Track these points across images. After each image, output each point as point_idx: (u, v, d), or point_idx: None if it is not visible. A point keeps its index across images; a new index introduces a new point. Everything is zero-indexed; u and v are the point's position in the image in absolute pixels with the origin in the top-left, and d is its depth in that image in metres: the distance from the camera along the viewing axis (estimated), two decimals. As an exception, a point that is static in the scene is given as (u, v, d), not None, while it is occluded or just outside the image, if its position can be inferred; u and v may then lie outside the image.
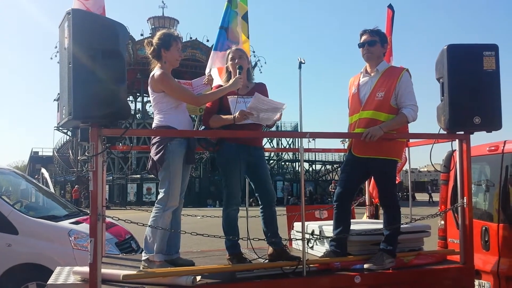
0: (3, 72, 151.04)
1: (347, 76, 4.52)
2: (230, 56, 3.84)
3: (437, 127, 3.76)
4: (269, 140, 38.77)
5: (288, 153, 45.05)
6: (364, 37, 3.87)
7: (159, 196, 3.48)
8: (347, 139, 4.33)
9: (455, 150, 3.81)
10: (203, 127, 3.79)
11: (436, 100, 3.78)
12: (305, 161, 41.09)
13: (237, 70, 3.69)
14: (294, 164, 46.46)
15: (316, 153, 45.25)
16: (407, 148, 4.92)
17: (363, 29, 3.90)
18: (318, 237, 4.10)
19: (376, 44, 3.85)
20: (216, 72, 4.79)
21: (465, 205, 3.63)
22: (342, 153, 6.30)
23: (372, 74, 3.87)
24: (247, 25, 5.50)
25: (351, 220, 3.96)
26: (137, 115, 41.76)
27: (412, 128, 4.02)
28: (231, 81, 3.64)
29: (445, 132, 3.72)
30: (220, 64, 4.96)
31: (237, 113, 3.51)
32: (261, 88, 3.80)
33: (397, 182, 4.48)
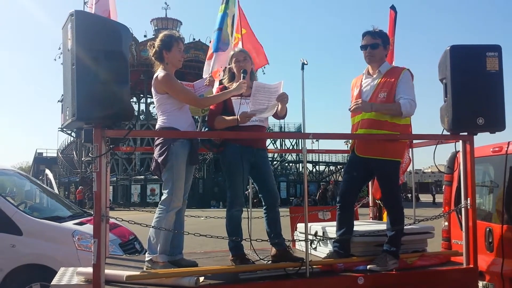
0: (7, 72, 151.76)
1: (350, 77, 4.53)
2: (234, 58, 3.85)
3: (440, 128, 3.75)
4: (273, 141, 38.75)
5: (292, 154, 45.07)
6: (366, 39, 3.82)
7: (163, 197, 3.49)
8: (350, 140, 4.31)
9: (459, 151, 3.80)
10: (206, 128, 3.80)
11: (439, 101, 3.77)
12: (309, 162, 41.15)
13: (241, 75, 3.70)
14: (297, 165, 46.49)
15: (320, 154, 45.30)
16: (410, 149, 4.91)
17: (365, 30, 3.84)
18: (321, 238, 4.09)
19: (378, 47, 3.80)
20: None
21: (469, 206, 3.62)
22: (346, 154, 6.29)
23: (374, 76, 3.84)
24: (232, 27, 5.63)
25: (355, 221, 3.95)
26: (140, 116, 41.86)
27: (416, 129, 4.00)
28: (235, 85, 3.65)
29: (449, 133, 3.71)
30: (219, 66, 5.01)
31: (240, 115, 3.52)
32: None
33: (401, 182, 4.45)
